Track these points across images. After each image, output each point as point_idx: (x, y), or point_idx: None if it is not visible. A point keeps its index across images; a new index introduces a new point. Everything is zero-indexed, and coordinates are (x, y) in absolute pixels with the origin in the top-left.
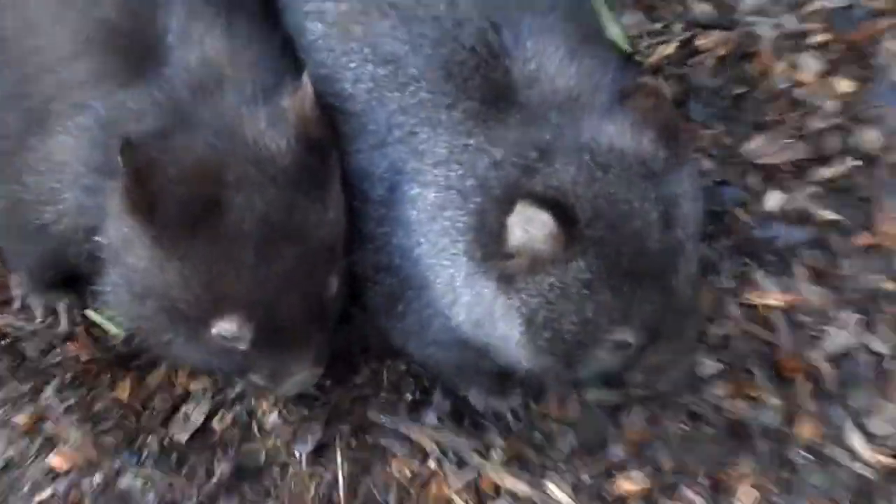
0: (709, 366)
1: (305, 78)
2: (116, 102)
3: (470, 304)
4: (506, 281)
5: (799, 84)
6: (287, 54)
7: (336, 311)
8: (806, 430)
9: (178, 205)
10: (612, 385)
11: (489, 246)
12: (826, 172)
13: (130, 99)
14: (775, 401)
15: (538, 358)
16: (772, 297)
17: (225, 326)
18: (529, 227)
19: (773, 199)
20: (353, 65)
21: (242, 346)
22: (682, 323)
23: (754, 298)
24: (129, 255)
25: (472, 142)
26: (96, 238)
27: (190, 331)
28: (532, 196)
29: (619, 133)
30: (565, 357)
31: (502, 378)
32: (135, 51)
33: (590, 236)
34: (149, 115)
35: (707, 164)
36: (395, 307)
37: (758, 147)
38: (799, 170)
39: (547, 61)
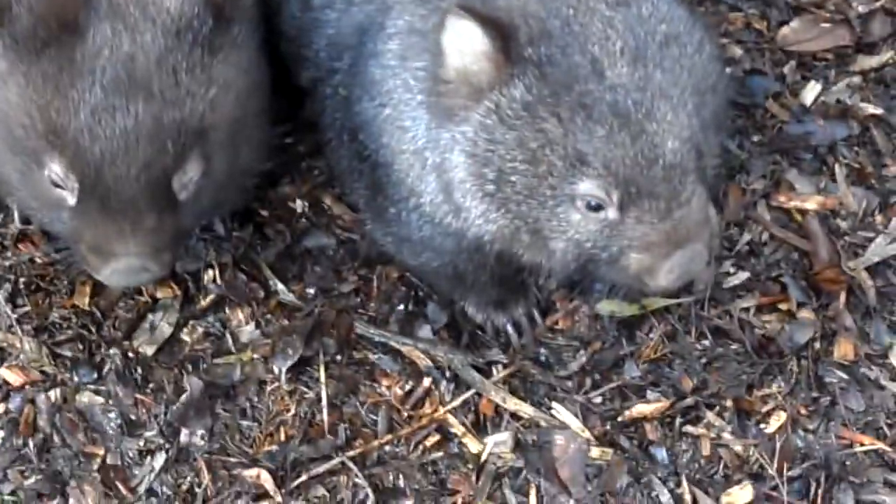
0: (735, 276)
1: None
2: None
3: (434, 165)
4: (447, 114)
5: None
6: None
7: (197, 206)
8: (843, 348)
9: (35, 16)
10: (627, 296)
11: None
12: (870, 62)
13: None
14: (809, 315)
15: (495, 216)
16: (807, 199)
17: (53, 167)
18: (462, 44)
19: (810, 91)
20: None
21: (70, 200)
22: (678, 191)
23: (787, 201)
24: None
25: None
26: None
27: (26, 167)
28: (463, 9)
29: None
30: (527, 216)
31: (504, 287)
32: None
33: (531, 56)
34: None
35: (736, 51)
36: (375, 200)
37: (793, 33)
38: (839, 58)
39: None
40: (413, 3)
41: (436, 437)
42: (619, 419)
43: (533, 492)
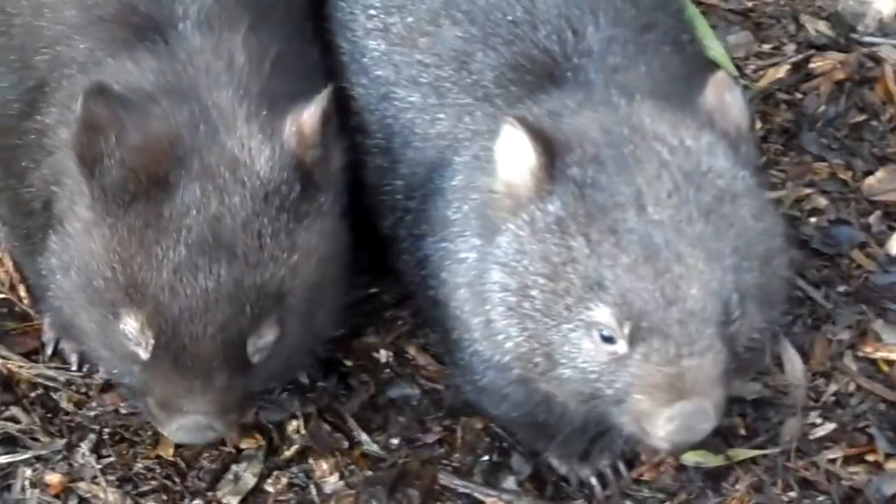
0: (821, 427)
1: (321, 98)
2: (117, 66)
3: (480, 292)
4: (492, 229)
5: None
6: (316, 75)
7: (267, 369)
8: None
9: (126, 168)
10: (713, 447)
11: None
12: None
13: (132, 62)
14: None
15: (514, 332)
16: (893, 350)
17: (129, 321)
18: (511, 155)
19: None
20: (413, 73)
21: (143, 355)
22: (693, 339)
23: (873, 352)
24: (69, 215)
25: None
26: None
27: (102, 318)
28: (517, 119)
29: (666, 110)
30: (542, 336)
31: (588, 438)
32: (147, 27)
33: (575, 176)
34: (144, 79)
35: (821, 201)
36: (448, 342)
37: (879, 183)
38: None
39: (621, 60)
40: (482, 136)
41: None
42: None
43: None
